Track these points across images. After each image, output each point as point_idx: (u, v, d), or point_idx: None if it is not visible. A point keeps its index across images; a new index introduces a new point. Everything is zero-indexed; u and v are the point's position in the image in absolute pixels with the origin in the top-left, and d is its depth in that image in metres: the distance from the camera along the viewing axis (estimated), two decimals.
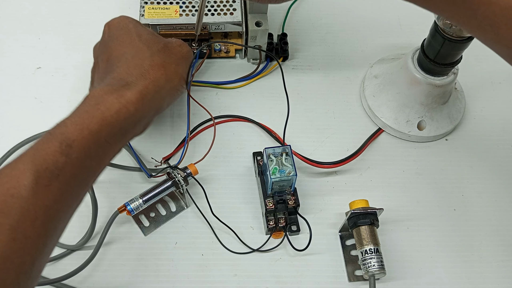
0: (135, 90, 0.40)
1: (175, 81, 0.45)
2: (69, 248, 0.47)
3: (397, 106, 0.54)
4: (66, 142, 0.34)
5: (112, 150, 0.39)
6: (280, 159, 0.47)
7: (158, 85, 0.42)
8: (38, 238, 0.32)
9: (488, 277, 0.48)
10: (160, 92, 0.42)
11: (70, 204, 0.36)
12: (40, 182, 0.32)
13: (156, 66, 0.43)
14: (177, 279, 0.47)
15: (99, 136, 0.36)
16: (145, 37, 0.46)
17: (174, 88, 0.45)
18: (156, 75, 0.42)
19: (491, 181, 0.53)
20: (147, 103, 0.41)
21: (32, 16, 0.62)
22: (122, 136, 0.39)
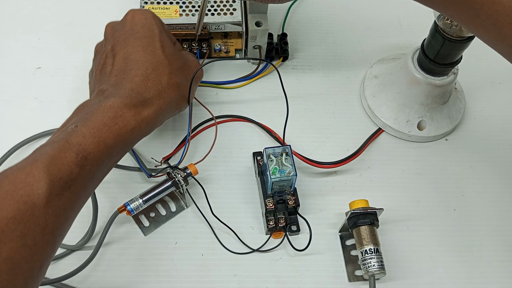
0: (151, 109, 0.41)
1: (184, 101, 0.46)
2: (69, 248, 0.47)
3: (397, 106, 0.54)
4: (83, 154, 0.35)
5: (117, 160, 0.41)
6: (280, 159, 0.47)
7: (171, 106, 0.44)
8: (46, 245, 0.33)
9: (488, 277, 0.48)
10: (170, 111, 0.45)
11: (77, 211, 0.37)
12: (53, 192, 0.33)
13: (173, 86, 0.44)
14: (177, 279, 0.47)
15: (112, 150, 0.38)
16: (168, 50, 0.46)
17: (182, 106, 0.47)
18: (171, 95, 0.44)
19: (491, 181, 0.53)
20: (158, 122, 0.43)
21: (32, 16, 0.62)
22: (128, 149, 0.42)
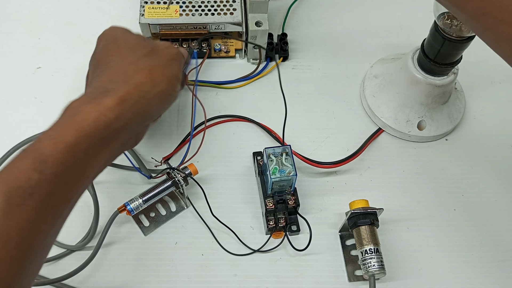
0: (114, 96, 0.38)
1: (162, 84, 0.42)
2: (69, 248, 0.47)
3: (397, 106, 0.54)
4: (40, 158, 0.33)
5: (95, 161, 0.36)
6: (280, 159, 0.47)
7: (143, 90, 0.40)
8: (12, 261, 0.31)
9: (488, 277, 0.48)
10: (145, 97, 0.40)
11: (51, 221, 0.34)
12: (12, 202, 0.31)
13: (141, 70, 0.41)
14: (177, 279, 0.47)
15: (76, 148, 0.34)
16: (132, 42, 0.44)
17: (163, 92, 0.42)
18: (140, 79, 0.40)
19: (491, 181, 0.53)
20: (129, 108, 0.38)
21: (32, 16, 0.62)
22: (105, 146, 0.37)
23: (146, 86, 0.40)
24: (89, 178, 0.37)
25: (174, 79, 0.44)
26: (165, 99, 0.43)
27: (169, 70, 0.43)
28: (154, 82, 0.41)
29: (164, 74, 0.42)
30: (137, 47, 0.44)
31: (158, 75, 0.42)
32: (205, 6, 0.55)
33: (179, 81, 0.45)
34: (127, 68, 0.41)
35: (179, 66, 0.45)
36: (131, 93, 0.39)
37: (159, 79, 0.42)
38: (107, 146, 0.37)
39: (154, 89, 0.41)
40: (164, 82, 0.42)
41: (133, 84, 0.39)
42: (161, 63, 0.43)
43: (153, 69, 0.42)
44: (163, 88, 0.42)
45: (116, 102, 0.37)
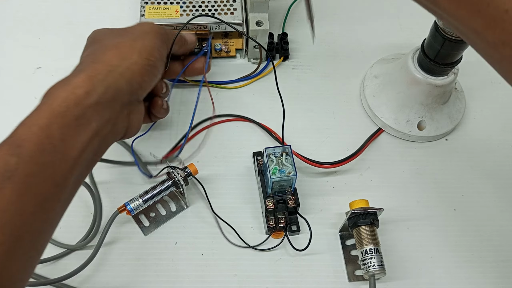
0: (82, 74, 0.38)
1: (133, 57, 0.41)
2: (70, 248, 0.47)
3: (397, 106, 0.54)
4: (16, 143, 0.33)
5: (76, 141, 0.36)
6: (280, 159, 0.47)
7: (111, 64, 0.40)
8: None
9: (488, 277, 0.48)
10: (114, 70, 0.39)
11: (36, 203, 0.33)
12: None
13: (108, 48, 0.41)
14: (177, 279, 0.47)
15: (50, 129, 0.34)
16: (105, 31, 0.44)
17: (135, 64, 0.41)
18: (107, 56, 0.40)
19: (491, 181, 0.53)
20: (98, 83, 0.38)
21: (32, 16, 0.62)
22: (84, 125, 0.36)
23: (114, 60, 0.40)
24: (75, 160, 0.36)
25: (147, 50, 0.42)
26: (141, 71, 0.41)
27: (139, 42, 0.42)
28: (122, 55, 0.41)
29: (132, 47, 0.42)
30: (110, 33, 0.44)
31: (126, 49, 0.41)
32: (206, 6, 0.55)
33: (157, 52, 0.43)
34: (96, 51, 0.41)
35: (155, 39, 0.43)
36: (98, 69, 0.39)
37: (127, 52, 0.41)
38: (86, 125, 0.36)
39: (124, 62, 0.40)
40: (134, 54, 0.41)
41: (100, 62, 0.39)
42: (131, 37, 0.43)
43: (120, 44, 0.42)
44: (134, 60, 0.41)
45: (83, 79, 0.37)
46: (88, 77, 0.38)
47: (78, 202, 0.50)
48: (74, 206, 0.49)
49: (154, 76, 0.43)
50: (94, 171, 0.48)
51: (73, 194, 0.38)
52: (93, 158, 0.39)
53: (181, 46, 0.49)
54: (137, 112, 0.44)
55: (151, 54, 0.42)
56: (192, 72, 0.52)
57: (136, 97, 0.42)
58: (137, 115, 0.44)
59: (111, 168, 0.52)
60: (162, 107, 0.48)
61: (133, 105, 0.42)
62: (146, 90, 0.43)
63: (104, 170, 0.51)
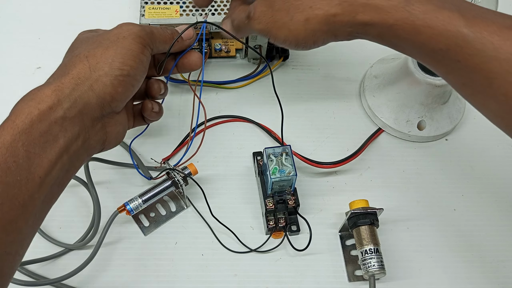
0: (48, 88, 0.36)
1: (103, 67, 0.38)
2: (69, 247, 0.47)
3: (397, 106, 0.54)
4: None
5: (43, 159, 0.34)
6: (280, 159, 0.47)
7: (79, 77, 0.37)
8: None
9: (488, 277, 0.48)
10: (83, 84, 0.37)
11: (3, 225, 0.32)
12: None
13: (79, 59, 0.38)
14: (177, 279, 0.47)
15: (14, 147, 0.33)
16: (84, 37, 0.42)
17: (105, 75, 0.38)
18: (77, 68, 0.38)
19: (491, 181, 0.53)
20: (65, 97, 0.36)
21: (32, 16, 0.62)
22: (50, 142, 0.34)
23: (82, 72, 0.38)
24: (42, 178, 0.34)
25: (120, 59, 0.39)
26: (112, 82, 0.38)
27: (111, 50, 0.39)
28: (92, 67, 0.38)
29: (103, 56, 0.39)
30: (85, 39, 0.41)
31: (96, 59, 0.38)
32: None
33: (134, 60, 0.40)
34: (68, 62, 0.39)
35: (131, 45, 0.40)
36: (65, 82, 0.37)
37: (98, 63, 0.38)
38: (53, 141, 0.35)
39: (93, 74, 0.38)
40: (105, 65, 0.38)
41: (69, 74, 0.37)
42: (104, 45, 0.39)
43: (91, 53, 0.39)
44: (105, 71, 0.38)
45: (49, 93, 0.36)
46: (54, 91, 0.36)
47: (78, 202, 0.50)
48: (74, 206, 0.50)
49: (131, 85, 0.40)
50: (93, 171, 0.48)
51: (44, 213, 0.36)
52: (65, 175, 0.37)
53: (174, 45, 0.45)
54: (115, 124, 0.41)
55: (125, 62, 0.39)
56: (186, 67, 0.47)
57: (110, 109, 0.39)
58: (114, 127, 0.41)
59: (111, 169, 0.52)
60: (152, 111, 0.46)
61: (108, 117, 0.40)
62: (122, 101, 0.40)
63: (104, 171, 0.51)
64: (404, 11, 0.35)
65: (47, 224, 0.49)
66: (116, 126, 0.41)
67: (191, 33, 0.46)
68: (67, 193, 0.50)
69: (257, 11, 0.41)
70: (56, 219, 0.49)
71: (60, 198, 0.37)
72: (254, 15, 0.41)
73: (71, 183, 0.50)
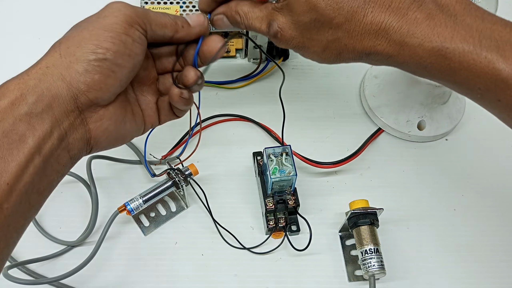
0: (11, 82, 0.31)
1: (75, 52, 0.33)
2: (68, 244, 0.47)
3: (397, 106, 0.54)
4: None
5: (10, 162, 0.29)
6: (280, 159, 0.47)
7: (47, 66, 0.33)
8: None
9: (488, 277, 0.48)
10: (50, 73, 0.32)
11: None
12: None
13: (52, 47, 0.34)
14: (177, 279, 0.47)
15: None
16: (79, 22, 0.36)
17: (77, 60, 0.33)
18: (48, 56, 0.33)
19: (491, 181, 0.53)
20: (29, 90, 0.31)
21: (32, 16, 0.62)
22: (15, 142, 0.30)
23: (52, 60, 0.33)
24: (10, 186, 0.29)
25: (95, 41, 0.33)
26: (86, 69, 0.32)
27: (86, 31, 0.34)
28: (63, 53, 0.33)
29: (77, 39, 0.33)
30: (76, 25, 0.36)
31: (68, 43, 0.33)
32: None
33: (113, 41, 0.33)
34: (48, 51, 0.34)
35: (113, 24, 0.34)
36: (30, 73, 0.32)
37: (69, 47, 0.33)
38: (20, 142, 0.30)
39: (63, 61, 0.33)
40: (77, 49, 0.33)
41: (37, 64, 0.33)
42: (81, 26, 0.34)
43: (64, 38, 0.34)
44: (76, 56, 0.32)
45: (11, 88, 0.31)
46: (17, 84, 0.31)
47: (78, 202, 0.50)
48: (73, 206, 0.50)
49: (110, 71, 0.33)
50: (93, 169, 0.48)
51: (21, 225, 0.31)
52: (43, 180, 0.32)
53: (176, 31, 0.37)
54: (99, 119, 0.34)
55: (100, 45, 0.33)
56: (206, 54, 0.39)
57: (89, 101, 0.33)
58: (100, 122, 0.35)
59: (111, 166, 0.52)
60: (181, 96, 0.38)
61: (89, 111, 0.34)
62: (103, 90, 0.33)
63: (104, 169, 0.51)
64: (439, 55, 0.33)
65: (47, 224, 0.49)
66: (102, 122, 0.35)
67: (201, 19, 0.38)
68: (68, 193, 0.50)
69: (286, 35, 0.37)
70: (56, 218, 0.49)
71: (60, 197, 0.37)
72: (281, 37, 0.37)
73: (71, 180, 0.50)
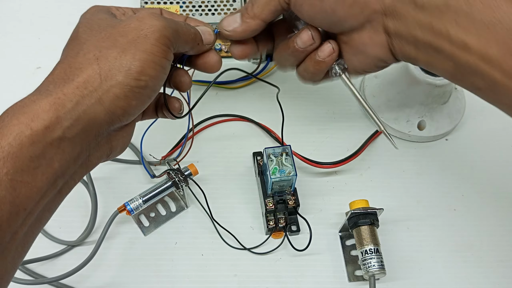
0: (46, 100, 0.29)
1: (117, 76, 0.31)
2: (68, 244, 0.47)
3: (397, 106, 0.54)
4: None
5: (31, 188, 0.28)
6: (280, 159, 0.46)
7: (85, 87, 0.30)
8: None
9: (488, 277, 0.48)
10: (90, 96, 0.30)
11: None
12: None
13: (86, 60, 0.31)
14: (177, 279, 0.47)
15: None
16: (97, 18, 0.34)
17: (119, 85, 0.31)
18: (84, 73, 0.31)
19: (491, 181, 0.53)
20: (66, 113, 0.29)
21: (32, 16, 0.62)
22: (41, 166, 0.28)
23: (91, 80, 0.31)
24: (29, 211, 0.28)
25: (138, 67, 0.32)
26: (126, 95, 0.31)
27: (129, 55, 0.31)
28: (104, 74, 0.31)
29: (119, 61, 0.31)
30: (101, 28, 0.34)
31: (110, 63, 0.31)
32: (205, 6, 0.55)
33: (154, 68, 0.32)
34: (74, 60, 0.32)
35: (154, 48, 0.32)
36: (67, 93, 0.30)
37: (111, 69, 0.31)
38: (46, 166, 0.28)
39: (104, 84, 0.31)
40: (120, 73, 0.31)
41: (73, 82, 0.31)
42: (119, 44, 0.32)
43: (102, 55, 0.31)
44: (118, 81, 0.31)
45: (46, 108, 0.29)
46: (53, 105, 0.29)
47: (77, 202, 0.50)
48: (73, 205, 0.50)
49: (147, 97, 0.33)
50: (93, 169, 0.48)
51: (28, 243, 0.30)
52: (56, 199, 0.31)
53: (193, 47, 0.38)
54: (122, 136, 0.35)
55: (143, 72, 0.32)
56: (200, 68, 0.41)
57: (120, 124, 0.33)
58: (122, 139, 0.35)
59: (112, 166, 0.52)
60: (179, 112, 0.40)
61: (115, 130, 0.34)
62: (135, 114, 0.34)
63: (103, 169, 0.51)
64: None
65: (47, 223, 0.49)
66: (124, 138, 0.35)
67: (212, 39, 0.39)
68: None
69: None
70: (55, 218, 0.49)
71: None
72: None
73: None
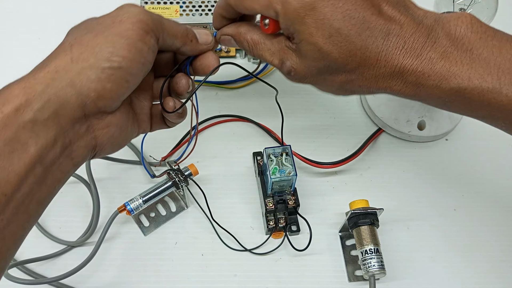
0: (18, 85, 0.30)
1: (89, 58, 0.31)
2: (68, 244, 0.47)
3: (397, 106, 0.54)
4: None
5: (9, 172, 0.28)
6: (280, 159, 0.46)
7: (56, 70, 0.31)
8: None
9: (488, 277, 0.48)
10: (60, 78, 0.31)
11: None
12: None
13: (61, 48, 0.33)
14: (177, 279, 0.47)
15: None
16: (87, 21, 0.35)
17: (90, 67, 0.31)
18: (57, 60, 0.32)
19: (491, 181, 0.53)
20: (36, 96, 0.30)
21: (32, 16, 0.62)
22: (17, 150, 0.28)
23: (62, 64, 0.31)
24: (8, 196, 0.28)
25: (110, 48, 0.32)
26: (99, 77, 0.31)
27: (100, 38, 0.32)
28: (74, 57, 0.31)
29: (90, 45, 0.32)
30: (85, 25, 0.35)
31: (82, 48, 0.32)
32: (205, 6, 0.55)
33: (129, 49, 0.32)
34: (53, 53, 0.33)
35: (128, 31, 0.32)
36: (38, 77, 0.31)
37: (82, 53, 0.31)
38: (21, 150, 0.28)
39: (74, 67, 0.31)
40: (91, 55, 0.31)
41: (45, 67, 0.32)
42: (95, 29, 0.33)
43: (77, 41, 0.32)
44: (89, 63, 0.31)
45: (17, 92, 0.29)
46: (23, 89, 0.30)
47: (78, 202, 0.50)
48: (73, 205, 0.50)
49: (124, 81, 0.33)
50: (92, 169, 0.48)
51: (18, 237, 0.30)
52: (43, 190, 0.31)
53: (184, 44, 0.37)
54: (106, 126, 0.34)
55: (116, 52, 0.32)
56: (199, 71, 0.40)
57: (97, 109, 0.32)
58: (106, 130, 0.34)
59: (111, 166, 0.52)
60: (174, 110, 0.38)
61: (96, 118, 0.33)
62: (113, 99, 0.33)
63: (104, 169, 0.51)
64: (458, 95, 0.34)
65: (47, 223, 0.49)
66: (109, 128, 0.34)
67: (209, 39, 0.39)
68: (68, 192, 0.50)
69: (299, 74, 0.39)
70: (56, 218, 0.49)
71: (60, 197, 0.37)
72: (295, 75, 0.39)
73: (72, 180, 0.50)
